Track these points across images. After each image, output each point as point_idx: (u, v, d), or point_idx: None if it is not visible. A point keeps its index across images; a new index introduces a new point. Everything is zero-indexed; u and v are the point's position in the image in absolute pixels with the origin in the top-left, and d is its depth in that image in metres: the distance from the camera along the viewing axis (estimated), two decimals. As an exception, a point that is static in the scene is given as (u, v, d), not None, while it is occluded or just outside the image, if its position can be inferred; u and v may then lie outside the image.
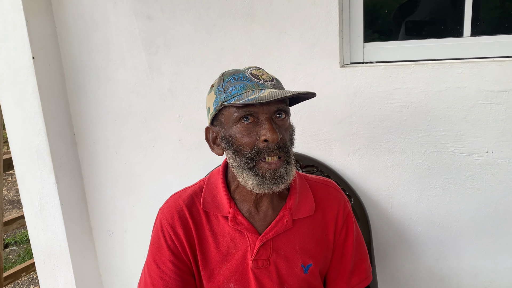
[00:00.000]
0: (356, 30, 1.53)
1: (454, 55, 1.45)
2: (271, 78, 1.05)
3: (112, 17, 1.74)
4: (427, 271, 1.60)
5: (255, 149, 0.99)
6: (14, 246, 4.04)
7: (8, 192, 5.41)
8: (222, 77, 1.06)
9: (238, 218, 1.10)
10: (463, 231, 1.51)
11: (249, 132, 1.00)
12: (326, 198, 1.18)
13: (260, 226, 1.11)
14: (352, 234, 1.19)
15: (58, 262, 2.02)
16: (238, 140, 1.01)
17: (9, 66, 1.81)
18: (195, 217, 1.13)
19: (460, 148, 1.45)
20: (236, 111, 0.99)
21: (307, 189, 1.17)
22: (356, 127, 1.54)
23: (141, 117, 1.82)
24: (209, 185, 1.15)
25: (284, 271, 1.12)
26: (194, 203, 1.14)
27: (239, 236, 1.11)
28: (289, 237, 1.12)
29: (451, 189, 1.49)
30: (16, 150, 1.94)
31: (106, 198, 2.00)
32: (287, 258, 1.12)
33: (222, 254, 1.11)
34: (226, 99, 1.00)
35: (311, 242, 1.14)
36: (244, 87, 1.00)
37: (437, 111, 1.44)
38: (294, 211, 1.12)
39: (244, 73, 1.04)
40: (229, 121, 1.02)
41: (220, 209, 1.11)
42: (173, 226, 1.12)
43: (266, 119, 0.99)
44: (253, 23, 1.57)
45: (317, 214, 1.15)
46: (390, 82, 1.47)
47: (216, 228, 1.12)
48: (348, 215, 1.19)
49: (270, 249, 1.11)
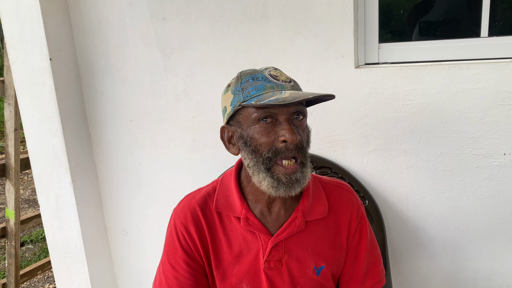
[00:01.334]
0: (371, 31, 1.52)
1: (471, 56, 1.44)
2: (289, 79, 1.05)
3: (128, 18, 1.76)
4: (443, 274, 1.58)
5: (273, 149, 1.00)
6: (30, 244, 4.09)
7: (24, 191, 5.49)
8: (239, 77, 1.06)
9: (250, 219, 1.10)
10: (480, 234, 1.50)
11: (267, 132, 1.00)
12: (340, 201, 1.17)
13: (272, 227, 1.12)
14: (366, 237, 1.18)
15: (73, 261, 2.04)
16: (256, 140, 1.01)
17: (27, 68, 1.84)
18: (208, 218, 1.13)
19: (477, 150, 1.43)
20: (256, 111, 1.00)
21: (320, 191, 1.16)
22: (371, 128, 1.53)
23: (156, 117, 1.84)
24: (222, 186, 1.16)
25: (296, 273, 1.12)
26: (207, 204, 1.14)
27: (251, 237, 1.11)
28: (301, 239, 1.12)
29: (468, 191, 1.48)
30: (33, 150, 1.97)
31: (121, 198, 2.02)
32: (300, 259, 1.12)
33: (234, 255, 1.12)
34: (245, 99, 1.00)
35: (323, 244, 1.14)
36: (264, 87, 1.00)
37: (453, 112, 1.43)
38: (307, 213, 1.12)
39: (263, 74, 1.04)
40: (247, 121, 1.02)
41: (232, 210, 1.12)
42: (187, 226, 1.13)
43: (285, 120, 0.99)
44: (267, 24, 1.57)
45: (330, 216, 1.15)
46: (405, 83, 1.46)
47: (229, 229, 1.12)
48: (361, 218, 1.18)
49: (282, 250, 1.11)
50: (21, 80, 1.88)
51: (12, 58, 1.87)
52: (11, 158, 2.58)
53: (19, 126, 2.54)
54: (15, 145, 2.56)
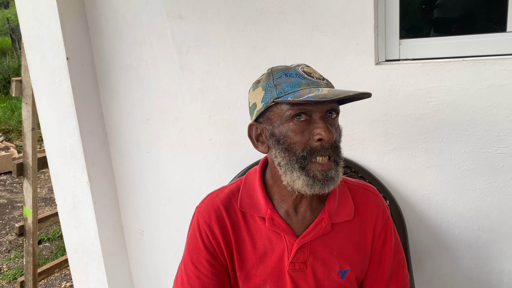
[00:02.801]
0: (391, 27, 1.49)
1: (497, 51, 1.39)
2: (322, 77, 1.03)
3: (144, 17, 1.75)
4: (466, 276, 1.54)
5: (307, 148, 0.97)
6: (47, 242, 4.14)
7: (41, 190, 5.56)
8: (271, 73, 1.03)
9: (275, 219, 1.08)
10: (505, 235, 1.45)
11: (302, 130, 0.98)
12: (365, 203, 1.15)
13: (297, 228, 1.09)
14: (391, 241, 1.16)
15: (90, 260, 2.05)
16: (290, 138, 0.98)
17: (44, 67, 1.85)
18: (232, 217, 1.11)
19: (502, 148, 1.39)
20: (290, 108, 0.97)
21: (346, 193, 1.14)
22: (391, 126, 1.50)
23: (172, 116, 1.82)
24: (246, 185, 1.14)
25: (321, 275, 1.09)
26: (231, 203, 1.12)
27: (276, 238, 1.09)
28: (327, 241, 1.10)
29: (492, 191, 1.43)
30: (50, 149, 1.98)
31: (138, 197, 2.01)
32: (324, 262, 1.09)
33: (259, 255, 1.10)
34: (279, 95, 0.98)
35: (348, 247, 1.11)
36: (299, 84, 0.98)
37: (477, 110, 1.39)
38: (333, 215, 1.09)
39: (296, 70, 1.01)
40: (280, 119, 0.99)
41: (257, 210, 1.10)
42: (210, 225, 1.11)
43: (319, 117, 0.97)
44: (284, 20, 1.54)
45: (355, 219, 1.13)
46: (427, 80, 1.42)
47: (253, 229, 1.11)
48: (387, 221, 1.16)
49: (308, 252, 1.08)
50: (38, 80, 1.88)
51: (30, 58, 1.88)
52: (29, 157, 2.60)
53: (36, 126, 2.56)
54: (32, 144, 2.58)
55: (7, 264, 3.79)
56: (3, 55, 11.33)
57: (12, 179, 5.98)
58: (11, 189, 5.66)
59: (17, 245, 4.14)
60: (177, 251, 2.00)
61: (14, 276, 3.55)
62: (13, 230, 4.42)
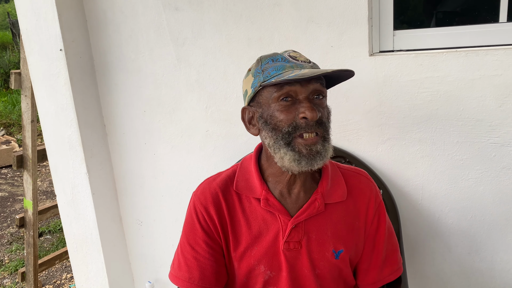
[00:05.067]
0: (385, 18, 1.50)
1: (489, 42, 1.40)
2: (308, 60, 1.07)
3: (141, 9, 1.76)
4: (459, 265, 1.56)
5: (293, 125, 1.01)
6: (48, 235, 4.17)
7: (42, 183, 5.59)
8: (259, 60, 1.08)
9: (270, 199, 1.11)
10: (497, 224, 1.47)
11: (287, 109, 1.01)
12: (358, 187, 1.17)
13: (291, 208, 1.12)
14: (384, 224, 1.18)
15: (89, 250, 2.08)
16: (276, 118, 1.02)
17: (42, 59, 1.86)
18: (228, 200, 1.14)
19: (494, 138, 1.40)
20: (276, 91, 1.01)
21: (339, 175, 1.17)
22: (385, 117, 1.51)
23: (169, 108, 1.84)
24: (242, 169, 1.17)
25: (315, 255, 1.12)
26: (227, 187, 1.16)
27: (271, 218, 1.12)
28: (321, 221, 1.12)
29: (485, 180, 1.45)
30: (49, 141, 2.00)
31: (136, 188, 2.04)
32: (319, 242, 1.12)
33: (253, 235, 1.12)
34: (265, 79, 1.02)
35: (342, 228, 1.14)
36: (283, 67, 1.02)
37: (470, 100, 1.40)
38: (326, 195, 1.12)
39: (282, 55, 1.06)
40: (268, 101, 1.03)
41: (252, 191, 1.13)
42: (206, 206, 1.14)
43: (304, 98, 1.01)
44: (280, 12, 1.56)
45: (348, 201, 1.15)
46: (421, 70, 1.43)
47: (248, 210, 1.13)
48: (379, 205, 1.18)
49: (302, 231, 1.11)
50: (37, 72, 1.90)
51: (28, 50, 1.89)
52: (28, 149, 2.62)
53: (35, 118, 2.58)
54: (32, 136, 2.60)
55: (9, 256, 3.83)
56: (3, 49, 11.33)
57: (14, 172, 6.02)
58: (12, 182, 5.69)
59: (18, 237, 4.18)
60: (175, 241, 2.02)
61: (16, 267, 3.59)
62: (14, 223, 4.46)
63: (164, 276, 2.11)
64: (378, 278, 1.19)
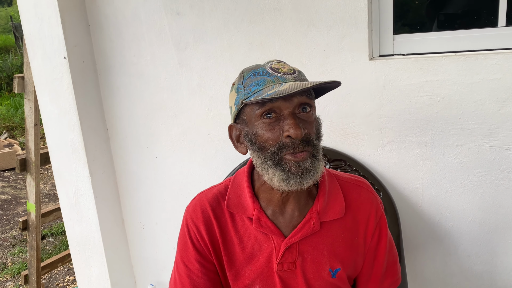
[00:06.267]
0: (385, 22, 1.51)
1: (488, 46, 1.41)
2: (293, 70, 1.01)
3: (143, 14, 1.78)
4: (459, 267, 1.56)
5: (279, 144, 0.95)
6: (51, 237, 4.19)
7: (44, 186, 5.61)
8: (242, 74, 1.03)
9: (262, 220, 1.06)
10: (497, 227, 1.47)
11: (271, 128, 0.96)
12: (357, 200, 1.12)
13: (285, 228, 1.08)
14: (385, 238, 1.14)
15: (92, 253, 2.09)
16: (261, 137, 0.97)
17: (45, 63, 1.88)
18: (220, 218, 1.11)
19: (494, 141, 1.41)
20: (258, 108, 0.96)
21: (337, 189, 1.11)
22: (385, 120, 1.52)
23: (171, 111, 1.86)
24: (234, 184, 1.13)
25: (310, 275, 1.08)
26: (219, 203, 1.12)
27: (264, 238, 1.08)
28: (316, 241, 1.08)
29: (484, 183, 1.46)
30: (52, 144, 2.02)
31: (138, 191, 2.05)
32: (314, 262, 1.08)
33: (247, 256, 1.09)
34: (246, 96, 0.97)
35: (340, 246, 1.09)
36: (264, 82, 0.96)
37: (469, 104, 1.41)
38: (322, 213, 1.07)
39: (264, 68, 1.00)
40: (252, 119, 0.98)
41: (244, 210, 1.08)
42: (197, 225, 1.11)
43: (288, 114, 0.95)
44: (280, 17, 1.57)
45: (347, 216, 1.10)
46: (420, 74, 1.44)
47: (241, 229, 1.10)
48: (381, 218, 1.13)
49: (296, 252, 1.07)
50: (40, 76, 1.92)
51: (31, 55, 1.91)
52: (32, 153, 2.64)
53: (38, 122, 2.60)
54: (35, 140, 2.62)
55: (12, 258, 3.84)
56: (6, 52, 11.39)
57: (16, 175, 6.04)
58: (15, 186, 5.72)
59: (21, 240, 4.19)
60: (176, 245, 2.03)
61: (19, 270, 3.60)
62: (17, 226, 4.47)
63: (166, 278, 2.12)
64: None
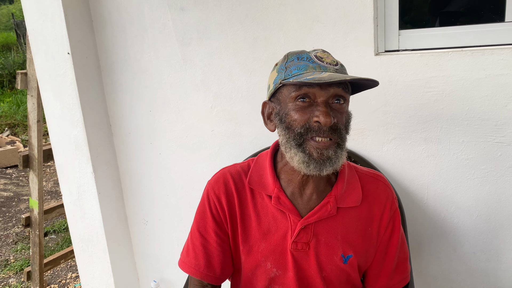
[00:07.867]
0: (391, 17, 1.50)
1: (495, 41, 1.40)
2: (336, 62, 1.05)
3: (146, 9, 1.77)
4: (464, 264, 1.56)
5: (306, 126, 1.00)
6: (53, 234, 4.19)
7: (47, 183, 5.62)
8: (286, 56, 1.08)
9: (281, 198, 1.10)
10: (503, 223, 1.47)
11: (302, 110, 1.00)
12: (374, 192, 1.16)
13: (303, 209, 1.12)
14: (398, 232, 1.17)
15: (95, 249, 2.09)
16: (290, 117, 1.02)
17: (48, 59, 1.87)
18: (241, 192, 1.15)
19: (500, 137, 1.40)
20: (294, 90, 1.00)
21: (356, 179, 1.16)
22: (391, 116, 1.51)
23: (175, 107, 1.85)
24: (257, 164, 1.18)
25: (323, 258, 1.11)
26: (241, 179, 1.16)
27: (281, 216, 1.12)
28: (331, 225, 1.11)
29: (490, 180, 1.45)
30: (56, 141, 2.01)
31: (141, 187, 2.05)
32: (328, 245, 1.11)
33: (262, 232, 1.12)
34: (286, 77, 1.02)
35: (354, 233, 1.13)
36: (306, 67, 1.01)
37: (476, 100, 1.40)
38: (339, 199, 1.11)
39: (309, 54, 1.05)
40: (286, 99, 1.03)
41: (265, 188, 1.13)
42: (219, 196, 1.15)
43: (322, 101, 0.99)
44: (285, 12, 1.56)
45: (363, 206, 1.14)
46: (426, 70, 1.43)
47: (260, 206, 1.14)
48: (395, 212, 1.17)
49: (311, 233, 1.10)
50: (43, 72, 1.91)
51: (34, 51, 1.90)
52: (34, 149, 2.63)
53: (41, 118, 2.59)
54: (38, 136, 2.61)
55: (14, 255, 3.85)
56: (8, 50, 11.38)
57: (19, 172, 6.05)
58: (17, 183, 5.72)
59: (23, 237, 4.20)
60: (180, 241, 2.03)
61: (21, 267, 3.60)
62: (19, 223, 4.48)
63: (170, 275, 2.12)
64: (388, 285, 1.19)
